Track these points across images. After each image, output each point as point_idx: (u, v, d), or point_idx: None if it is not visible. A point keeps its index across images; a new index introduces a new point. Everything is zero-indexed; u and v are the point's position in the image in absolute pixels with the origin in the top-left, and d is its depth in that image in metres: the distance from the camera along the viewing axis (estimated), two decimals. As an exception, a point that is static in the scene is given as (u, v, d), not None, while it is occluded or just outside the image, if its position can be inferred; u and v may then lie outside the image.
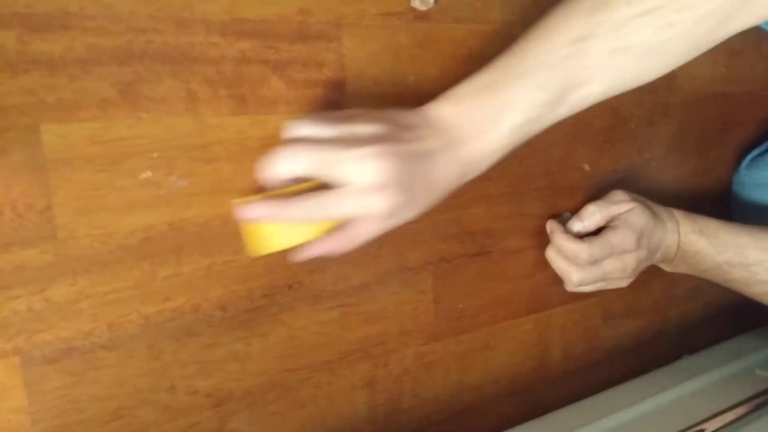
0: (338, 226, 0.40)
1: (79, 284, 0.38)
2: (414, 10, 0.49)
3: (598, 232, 0.57)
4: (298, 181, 0.39)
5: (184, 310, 0.42)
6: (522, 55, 0.42)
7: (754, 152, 0.75)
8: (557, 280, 0.59)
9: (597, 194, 0.60)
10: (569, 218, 0.59)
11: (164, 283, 0.41)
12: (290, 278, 0.46)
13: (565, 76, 0.42)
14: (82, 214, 0.38)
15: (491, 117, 0.42)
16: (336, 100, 0.46)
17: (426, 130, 0.41)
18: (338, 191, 0.37)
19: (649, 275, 0.64)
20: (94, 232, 0.38)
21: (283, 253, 0.44)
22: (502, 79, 0.42)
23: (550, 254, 0.58)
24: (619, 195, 0.59)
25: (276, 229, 0.39)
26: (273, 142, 0.44)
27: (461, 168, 0.43)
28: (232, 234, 0.43)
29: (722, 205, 0.76)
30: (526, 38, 0.43)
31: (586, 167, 0.62)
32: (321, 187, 0.38)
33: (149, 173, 0.40)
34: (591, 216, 0.58)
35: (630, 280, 0.60)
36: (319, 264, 0.47)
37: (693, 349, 0.73)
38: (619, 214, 0.57)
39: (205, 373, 0.43)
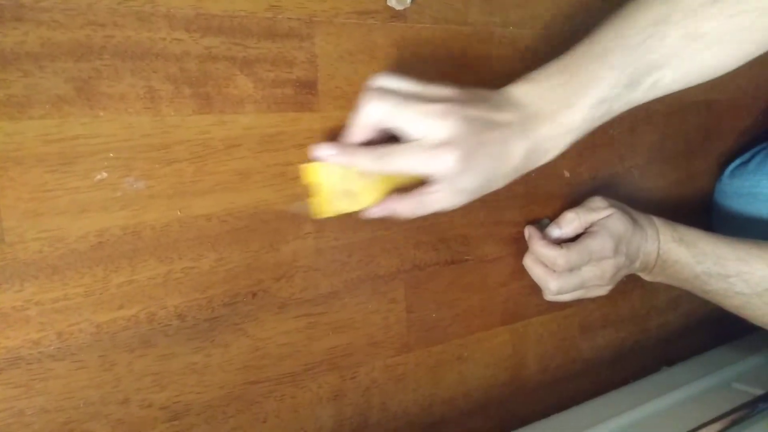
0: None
1: (26, 290, 0.36)
2: (390, 9, 0.48)
3: (577, 239, 0.56)
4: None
5: (139, 318, 0.40)
6: (601, 38, 0.44)
7: (737, 161, 0.75)
8: (534, 290, 0.58)
9: (576, 202, 0.60)
10: (548, 225, 0.58)
11: (118, 290, 0.39)
12: (254, 286, 0.44)
13: (642, 58, 0.43)
14: (31, 217, 0.36)
15: (568, 95, 0.43)
16: (307, 101, 0.45)
17: (502, 105, 0.43)
18: (405, 144, 0.39)
19: (629, 285, 0.63)
20: (43, 236, 0.37)
21: (246, 260, 0.43)
22: (581, 60, 0.44)
23: (528, 262, 0.57)
24: (597, 201, 0.58)
25: (344, 190, 0.42)
26: (239, 142, 0.42)
27: (532, 146, 0.43)
28: (192, 239, 0.41)
29: (704, 214, 0.76)
30: (605, 24, 0.44)
31: (566, 174, 0.61)
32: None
33: (104, 174, 0.38)
34: (569, 223, 0.57)
35: (609, 287, 0.59)
36: (286, 271, 0.45)
37: (671, 360, 0.73)
38: (598, 220, 0.57)
39: (160, 386, 0.41)
